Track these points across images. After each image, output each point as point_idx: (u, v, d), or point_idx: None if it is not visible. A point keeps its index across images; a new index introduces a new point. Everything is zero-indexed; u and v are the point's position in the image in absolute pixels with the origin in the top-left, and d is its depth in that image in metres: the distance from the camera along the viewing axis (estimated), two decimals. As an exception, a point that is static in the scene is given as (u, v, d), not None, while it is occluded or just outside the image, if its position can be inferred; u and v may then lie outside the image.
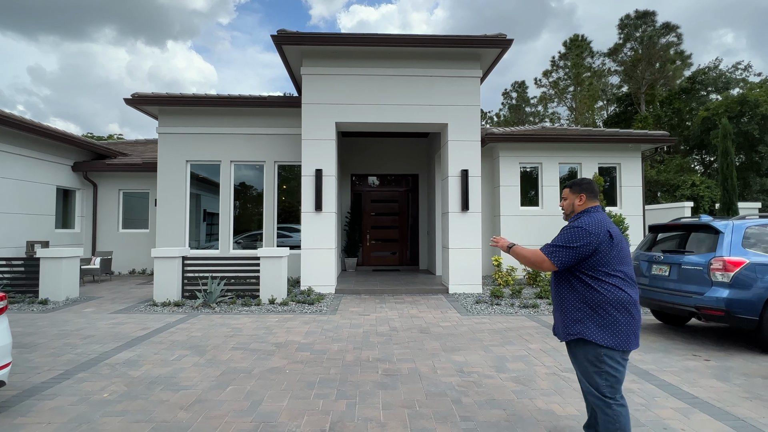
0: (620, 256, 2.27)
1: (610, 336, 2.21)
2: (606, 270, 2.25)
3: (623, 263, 2.27)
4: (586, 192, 2.47)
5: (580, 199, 2.49)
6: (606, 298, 2.24)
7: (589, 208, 2.44)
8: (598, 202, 2.49)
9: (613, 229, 2.31)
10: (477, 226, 8.46)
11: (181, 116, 9.97)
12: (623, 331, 2.21)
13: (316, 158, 8.39)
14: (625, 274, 2.26)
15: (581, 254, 2.25)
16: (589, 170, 10.51)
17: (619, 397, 2.25)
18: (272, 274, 7.27)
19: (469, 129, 8.53)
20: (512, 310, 6.88)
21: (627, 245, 2.34)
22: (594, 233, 2.25)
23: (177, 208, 9.86)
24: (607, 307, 2.23)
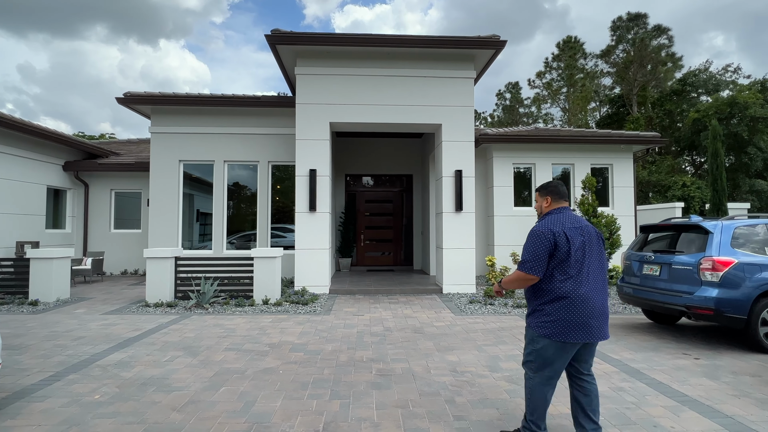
0: (569, 255, 2.43)
1: (558, 325, 2.41)
2: (559, 266, 2.45)
3: (570, 260, 2.43)
4: (552, 195, 2.66)
5: (546, 201, 2.68)
6: (547, 290, 2.47)
7: (553, 210, 2.62)
8: (565, 203, 2.65)
9: (570, 230, 2.47)
10: (471, 227, 8.50)
11: (174, 116, 9.90)
12: (572, 321, 2.39)
13: (311, 158, 8.37)
14: (568, 270, 2.43)
15: (546, 255, 2.45)
16: (581, 171, 10.59)
17: (547, 376, 2.51)
18: (266, 274, 7.25)
19: (463, 129, 8.57)
20: (505, 309, 6.91)
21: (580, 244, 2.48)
22: (543, 234, 2.46)
23: (170, 208, 9.79)
24: (548, 298, 2.47)
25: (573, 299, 2.40)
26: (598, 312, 2.44)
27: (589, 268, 2.47)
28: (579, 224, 2.54)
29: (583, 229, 2.52)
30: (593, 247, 2.52)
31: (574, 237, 2.46)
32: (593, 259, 2.51)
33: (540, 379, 2.51)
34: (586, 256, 2.48)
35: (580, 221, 2.57)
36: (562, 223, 2.51)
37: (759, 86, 24.22)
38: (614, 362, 4.25)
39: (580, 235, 2.49)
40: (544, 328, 2.46)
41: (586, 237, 2.51)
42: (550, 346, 2.45)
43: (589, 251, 2.50)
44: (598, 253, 2.55)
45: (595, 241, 2.54)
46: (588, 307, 2.41)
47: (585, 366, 2.57)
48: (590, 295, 2.43)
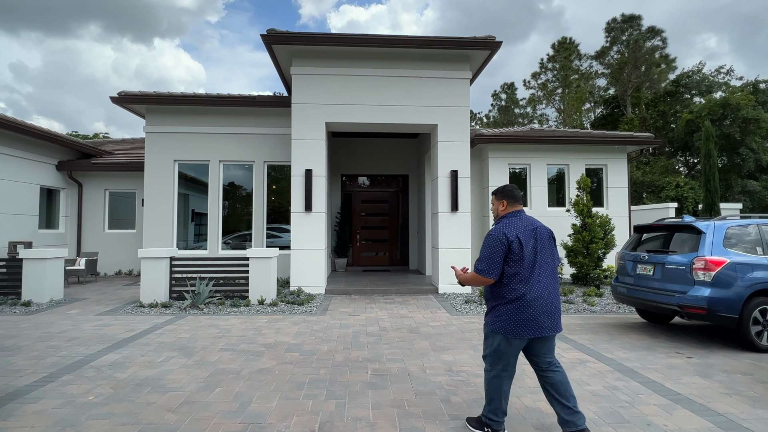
0: (521, 256, 2.58)
1: (509, 323, 2.59)
2: (512, 267, 2.59)
3: (522, 261, 2.58)
4: (507, 198, 2.79)
5: (502, 204, 2.80)
6: (508, 293, 2.60)
7: (509, 213, 2.76)
8: (520, 206, 2.80)
9: (522, 233, 2.61)
10: (466, 227, 8.52)
11: (169, 115, 9.85)
12: (520, 318, 2.56)
13: (306, 158, 8.36)
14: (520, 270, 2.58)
15: (501, 258, 2.60)
16: (576, 171, 10.66)
17: (502, 369, 2.68)
18: (261, 274, 7.23)
19: (459, 130, 8.59)
20: (501, 309, 6.94)
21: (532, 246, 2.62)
22: (498, 238, 2.61)
23: (164, 208, 9.74)
24: (501, 297, 2.64)
25: (526, 299, 2.56)
26: (549, 310, 2.60)
27: (541, 269, 2.62)
28: (533, 226, 2.67)
29: (536, 231, 2.66)
30: (545, 248, 2.67)
31: (527, 240, 2.60)
32: (545, 260, 2.65)
33: (495, 372, 2.69)
34: (538, 257, 2.62)
35: (534, 223, 2.70)
36: (516, 226, 2.64)
37: (751, 88, 24.49)
38: (608, 361, 4.28)
39: (533, 237, 2.63)
40: (497, 325, 2.64)
41: (539, 238, 2.65)
42: (503, 341, 2.62)
43: (542, 252, 2.64)
44: (550, 254, 2.69)
45: (546, 241, 2.69)
46: (540, 305, 2.56)
47: (543, 360, 2.69)
48: (542, 294, 2.58)
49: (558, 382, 2.64)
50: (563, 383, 2.64)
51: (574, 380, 3.73)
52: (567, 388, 2.64)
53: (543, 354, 2.68)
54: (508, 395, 2.72)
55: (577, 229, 9.09)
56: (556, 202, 10.82)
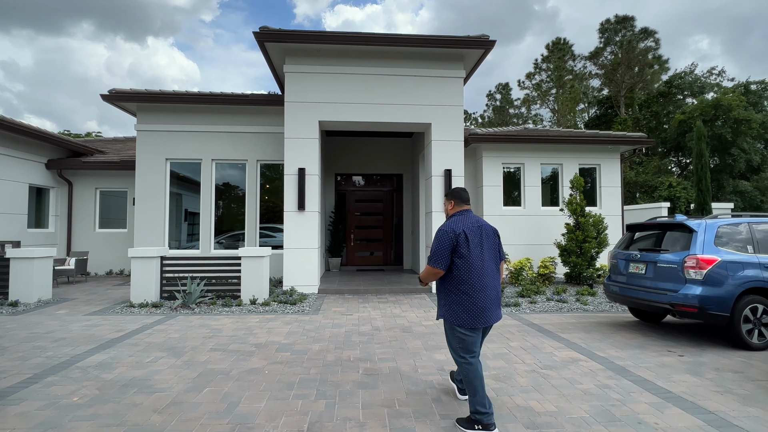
0: (468, 251, 2.82)
1: (463, 315, 2.83)
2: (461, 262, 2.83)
3: (469, 255, 2.82)
4: (455, 199, 3.08)
5: (451, 204, 3.09)
6: (458, 285, 2.84)
7: (456, 212, 3.03)
8: (466, 206, 3.06)
9: (468, 229, 2.87)
10: (460, 226, 8.50)
11: (161, 113, 9.75)
12: (474, 309, 2.81)
13: (299, 157, 8.31)
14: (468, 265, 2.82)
15: (449, 251, 2.84)
16: (570, 171, 10.68)
17: (472, 357, 2.86)
18: (253, 274, 7.17)
19: (453, 129, 8.58)
20: (494, 308, 6.93)
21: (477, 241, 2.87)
22: (447, 233, 2.85)
23: (156, 208, 9.64)
24: (454, 291, 2.87)
25: (476, 291, 2.81)
26: (493, 300, 2.87)
27: (487, 263, 2.87)
28: (478, 224, 2.93)
29: (481, 228, 2.92)
30: (490, 243, 2.94)
31: (472, 236, 2.86)
32: (490, 254, 2.91)
33: (467, 361, 2.87)
34: (484, 251, 2.88)
35: (479, 221, 2.96)
36: (463, 223, 2.90)
37: (742, 89, 24.72)
38: (600, 360, 4.27)
39: (478, 233, 2.88)
40: (454, 317, 2.87)
41: (484, 235, 2.91)
42: (465, 333, 2.85)
43: (487, 247, 2.90)
44: (494, 249, 2.97)
45: (491, 238, 2.96)
46: (488, 296, 2.83)
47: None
48: (488, 285, 2.85)
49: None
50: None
51: (566, 379, 3.72)
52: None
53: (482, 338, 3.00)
54: (483, 381, 2.86)
55: (571, 229, 9.11)
56: (549, 202, 10.84)
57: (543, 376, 3.79)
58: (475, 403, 2.78)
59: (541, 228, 10.47)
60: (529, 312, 6.71)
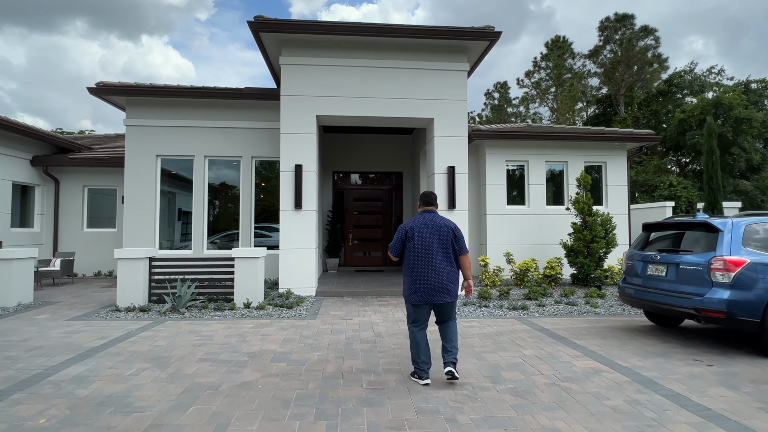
0: (413, 243, 3.54)
1: (408, 292, 3.61)
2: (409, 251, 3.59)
3: (414, 247, 3.55)
4: (421, 201, 3.77)
5: (419, 205, 3.77)
6: (407, 269, 3.60)
7: (420, 212, 3.70)
8: (430, 207, 3.71)
9: (417, 226, 3.57)
10: (464, 225, 8.16)
11: (151, 108, 9.34)
12: (415, 289, 3.54)
13: (296, 153, 7.93)
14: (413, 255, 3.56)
15: (401, 242, 3.62)
16: (575, 169, 10.37)
17: (414, 326, 3.66)
18: (247, 276, 6.79)
19: (456, 124, 8.23)
20: (501, 312, 6.59)
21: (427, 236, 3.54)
22: (401, 228, 3.63)
23: (146, 206, 9.23)
24: (405, 274, 3.64)
25: (420, 274, 3.50)
26: (436, 285, 3.49)
27: (435, 254, 3.50)
28: (432, 223, 3.57)
29: (435, 227, 3.55)
30: (442, 239, 3.53)
31: (423, 232, 3.53)
32: (440, 248, 3.52)
33: (413, 328, 3.66)
34: (433, 245, 3.51)
35: (433, 220, 3.59)
36: (415, 221, 3.60)
37: (743, 87, 24.55)
38: (624, 370, 3.94)
39: (428, 230, 3.53)
40: (405, 293, 3.64)
41: (436, 232, 3.53)
42: (410, 306, 3.62)
43: (438, 242, 3.52)
44: (445, 244, 3.55)
45: (444, 234, 3.55)
46: (431, 280, 3.48)
47: (440, 319, 3.70)
48: (433, 271, 3.49)
49: (445, 331, 3.64)
50: (451, 332, 3.63)
51: (591, 393, 3.38)
52: (451, 336, 3.61)
53: (442, 315, 3.67)
54: (427, 351, 3.62)
55: (578, 228, 8.79)
56: (554, 201, 10.52)
57: (565, 390, 3.44)
58: (413, 361, 3.64)
59: (546, 228, 10.15)
60: (538, 316, 6.38)
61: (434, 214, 3.64)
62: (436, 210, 3.73)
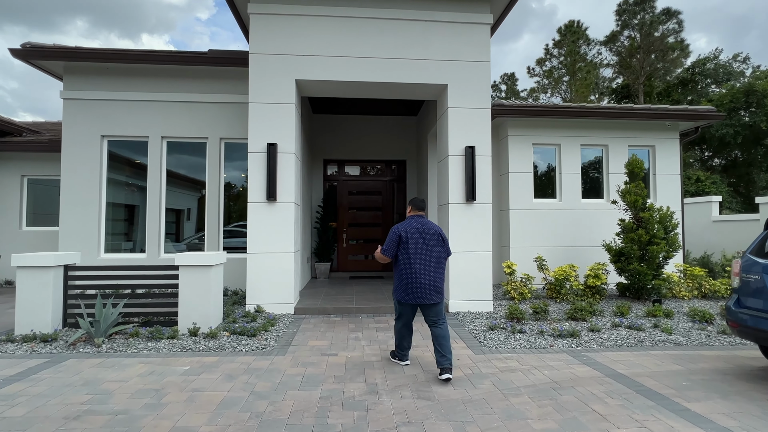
0: (407, 246, 3.73)
1: (400, 292, 3.80)
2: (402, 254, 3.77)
3: (407, 250, 3.73)
4: (412, 206, 3.96)
5: (409, 209, 3.99)
6: (400, 271, 3.79)
7: (410, 216, 3.94)
8: (420, 212, 3.93)
9: (410, 230, 3.78)
10: (486, 222, 6.34)
11: (96, 77, 7.53)
12: (407, 290, 3.73)
13: (269, 129, 6.12)
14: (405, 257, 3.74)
15: (395, 244, 3.80)
16: (618, 154, 8.52)
17: (395, 319, 3.94)
18: (197, 290, 4.98)
19: (477, 93, 6.40)
20: (543, 340, 4.78)
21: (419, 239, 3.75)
22: (395, 231, 3.82)
23: (87, 200, 7.42)
24: (396, 274, 3.85)
25: (411, 277, 3.70)
26: (427, 286, 3.69)
27: (426, 257, 3.71)
28: (423, 227, 3.79)
29: (424, 231, 3.78)
30: (433, 243, 3.76)
31: (414, 236, 3.75)
32: (431, 252, 3.74)
33: (399, 324, 3.91)
34: (423, 249, 3.73)
35: (423, 225, 3.80)
36: (407, 225, 3.81)
37: (775, 74, 22.62)
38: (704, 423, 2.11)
39: (420, 234, 3.76)
40: (396, 292, 3.84)
41: (426, 236, 3.76)
42: (399, 304, 3.86)
43: (429, 246, 3.74)
44: (433, 247, 3.76)
45: (435, 238, 3.78)
46: (421, 282, 3.68)
47: (430, 320, 3.78)
48: (426, 273, 3.70)
49: (440, 336, 3.66)
50: (443, 337, 3.65)
51: None
52: (444, 341, 3.63)
53: (430, 316, 3.77)
54: (410, 339, 3.94)
55: (629, 226, 6.94)
56: (589, 193, 8.67)
57: None
58: (397, 346, 3.96)
59: (581, 226, 8.32)
60: (596, 347, 4.57)
61: (424, 219, 3.88)
62: (425, 215, 3.95)
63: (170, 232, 7.89)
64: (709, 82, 25.27)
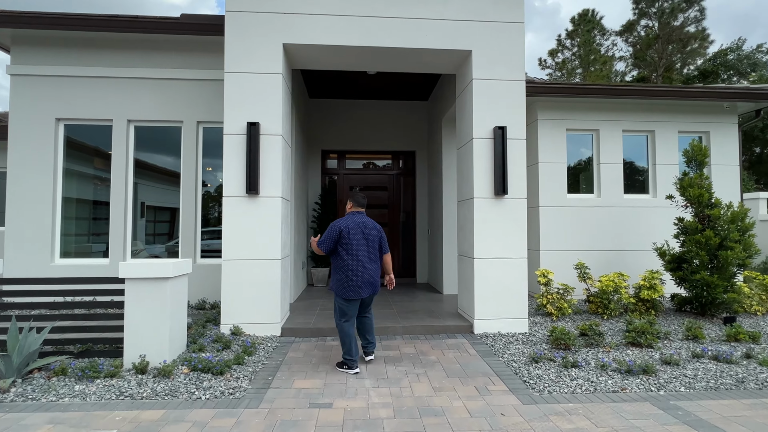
0: (349, 243, 3.69)
1: (341, 287, 3.71)
2: (343, 249, 3.71)
3: (349, 246, 3.69)
4: (352, 202, 3.94)
5: (350, 205, 3.96)
6: (340, 265, 3.72)
7: (350, 213, 3.90)
8: (360, 209, 3.92)
9: (351, 226, 3.73)
10: (520, 221, 5.10)
11: (48, 49, 6.35)
12: (349, 285, 3.68)
13: (250, 104, 4.91)
14: (348, 253, 3.70)
15: (333, 240, 3.72)
16: (666, 141, 7.27)
17: (344, 321, 3.74)
18: (147, 310, 3.77)
19: (508, 60, 5.17)
20: (609, 379, 3.55)
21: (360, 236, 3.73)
22: (335, 226, 3.74)
23: (39, 194, 6.25)
24: (338, 271, 3.76)
25: (356, 272, 3.67)
26: (367, 281, 3.70)
27: (364, 253, 3.72)
28: (364, 224, 3.79)
29: (364, 227, 3.77)
30: (372, 240, 3.78)
31: (354, 232, 3.72)
32: (370, 246, 3.77)
33: (346, 326, 3.74)
34: (362, 245, 3.72)
35: (364, 221, 3.80)
36: (348, 221, 3.76)
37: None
38: None
39: (361, 231, 3.74)
40: (338, 289, 3.73)
41: (368, 233, 3.76)
42: (343, 301, 3.74)
43: (368, 242, 3.75)
44: (374, 245, 3.80)
45: (374, 236, 3.81)
46: (362, 278, 3.67)
47: (362, 312, 3.90)
48: (363, 269, 3.69)
49: (368, 324, 3.91)
50: (371, 326, 3.92)
51: None
52: (372, 329, 3.92)
53: (364, 308, 3.89)
54: (355, 340, 3.71)
55: (692, 227, 5.67)
56: (629, 188, 7.41)
57: None
58: (344, 352, 3.67)
59: (625, 226, 7.07)
60: (685, 392, 3.35)
61: (364, 216, 3.86)
62: (365, 212, 3.92)
63: (153, 233, 6.70)
64: (731, 73, 23.91)
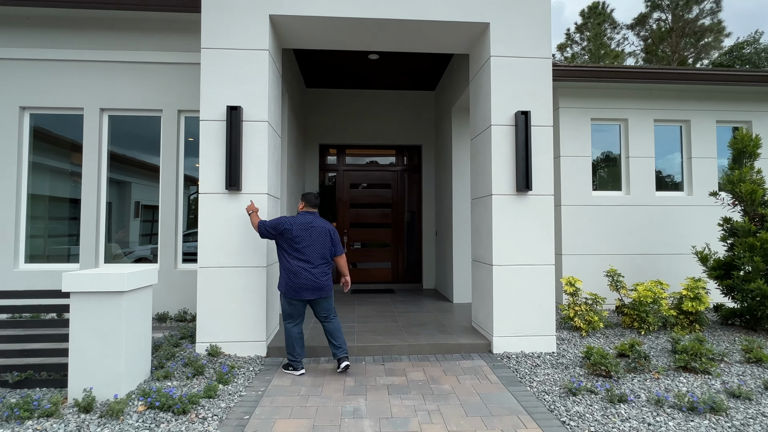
0: (294, 241, 3.58)
1: (283, 287, 3.63)
2: (286, 248, 3.62)
3: (294, 245, 3.58)
4: (304, 201, 3.80)
5: (302, 205, 3.81)
6: (283, 265, 3.62)
7: (301, 211, 3.77)
8: (312, 209, 3.77)
9: (297, 226, 3.61)
10: (547, 221, 4.37)
11: (11, 29, 5.69)
12: (290, 285, 3.57)
13: (231, 86, 4.21)
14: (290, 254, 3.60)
15: (276, 230, 3.61)
16: (702, 131, 6.52)
17: (288, 322, 3.65)
18: (96, 332, 3.07)
19: (531, 34, 4.44)
20: (670, 420, 2.82)
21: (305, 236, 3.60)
22: (281, 222, 3.61)
23: (1, 191, 5.58)
24: (281, 270, 3.65)
25: (296, 272, 3.55)
26: (308, 285, 3.55)
27: (311, 253, 3.58)
28: (311, 224, 3.64)
29: (311, 228, 3.63)
30: (320, 240, 3.63)
31: (299, 231, 3.59)
32: (317, 248, 3.61)
33: (290, 325, 3.65)
34: (309, 245, 3.59)
35: (314, 222, 3.66)
36: (298, 221, 3.63)
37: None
38: None
39: (307, 230, 3.61)
40: (282, 288, 3.64)
41: (314, 232, 3.63)
42: (285, 301, 3.64)
43: (315, 243, 3.61)
44: (321, 244, 3.64)
45: (323, 236, 3.65)
46: (305, 279, 3.54)
47: (321, 315, 3.70)
48: (304, 271, 3.55)
49: (332, 329, 3.67)
50: (336, 330, 3.67)
51: None
52: (336, 334, 3.66)
53: (320, 312, 3.69)
54: (301, 342, 3.67)
55: (743, 228, 4.92)
56: (663, 184, 6.66)
57: None
58: (288, 353, 3.63)
59: (655, 226, 6.32)
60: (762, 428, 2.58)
61: (315, 216, 3.73)
62: (317, 212, 3.78)
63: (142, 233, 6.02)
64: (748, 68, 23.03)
